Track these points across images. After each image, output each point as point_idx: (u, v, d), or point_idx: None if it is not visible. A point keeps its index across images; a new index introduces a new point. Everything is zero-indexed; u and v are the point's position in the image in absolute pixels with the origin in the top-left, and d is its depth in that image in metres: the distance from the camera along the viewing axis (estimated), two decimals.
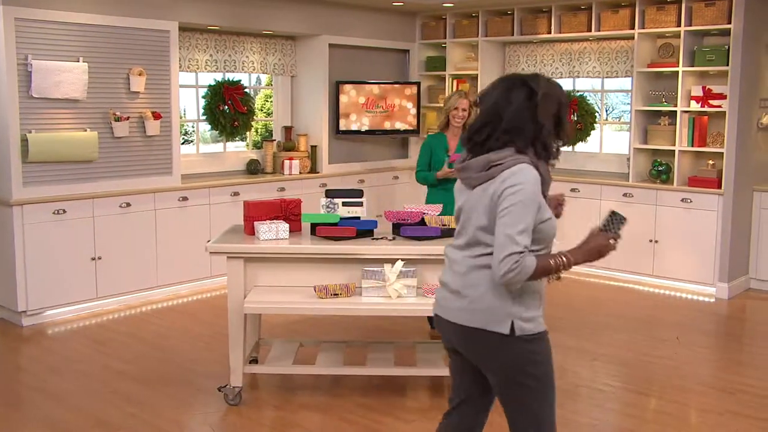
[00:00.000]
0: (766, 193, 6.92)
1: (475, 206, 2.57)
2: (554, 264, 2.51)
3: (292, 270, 4.38)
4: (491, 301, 2.53)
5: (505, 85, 2.58)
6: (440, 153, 5.45)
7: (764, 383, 4.78)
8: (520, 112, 2.52)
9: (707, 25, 6.79)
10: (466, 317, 2.57)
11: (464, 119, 5.39)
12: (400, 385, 4.65)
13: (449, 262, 2.70)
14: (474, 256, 2.58)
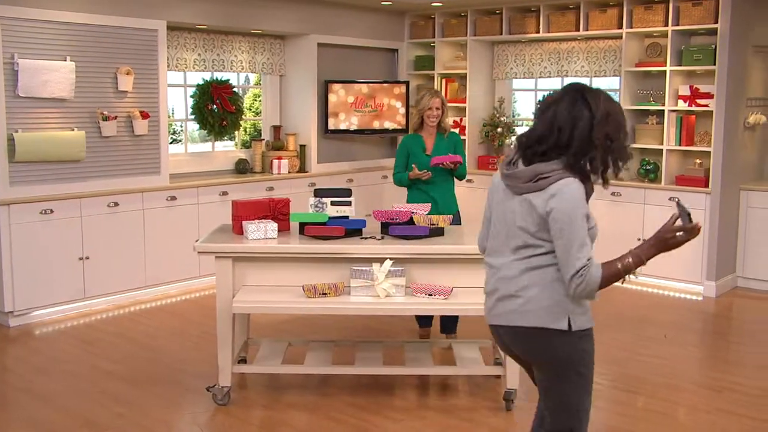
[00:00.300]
0: (753, 192, 6.95)
1: (521, 214, 2.62)
2: (622, 267, 2.58)
3: (280, 269, 4.37)
4: (548, 299, 2.61)
5: (570, 99, 2.59)
6: (418, 153, 5.40)
7: (751, 381, 4.80)
8: (581, 131, 2.55)
9: (694, 25, 6.81)
10: (523, 318, 2.64)
11: (438, 118, 5.37)
12: (389, 385, 4.64)
13: (492, 270, 2.74)
14: (524, 258, 2.63)
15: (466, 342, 4.92)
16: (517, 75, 8.43)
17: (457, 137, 5.54)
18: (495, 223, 2.75)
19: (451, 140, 5.46)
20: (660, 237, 2.60)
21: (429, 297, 4.16)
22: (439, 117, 5.39)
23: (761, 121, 7.07)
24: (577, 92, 2.61)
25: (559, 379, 2.69)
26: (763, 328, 5.98)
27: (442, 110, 5.39)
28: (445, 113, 5.42)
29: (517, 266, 2.65)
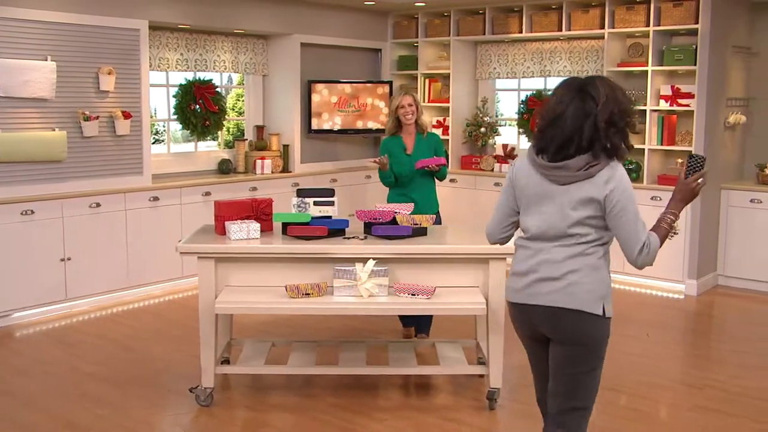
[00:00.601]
0: (734, 191, 7.01)
1: (572, 201, 2.76)
2: (667, 227, 2.84)
3: (263, 270, 4.35)
4: (589, 285, 2.77)
5: (580, 98, 2.74)
6: (398, 154, 5.35)
7: (731, 379, 4.84)
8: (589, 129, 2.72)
9: (675, 25, 6.86)
10: (563, 300, 2.78)
11: (413, 115, 5.33)
12: (372, 385, 4.64)
13: (530, 252, 2.87)
14: (569, 245, 2.79)
15: (449, 342, 4.92)
16: (500, 75, 8.44)
17: (437, 138, 5.51)
18: (533, 210, 2.87)
19: (431, 141, 5.44)
20: (685, 189, 2.86)
21: (412, 297, 4.16)
22: (414, 114, 5.34)
23: (741, 121, 7.12)
24: (582, 89, 2.76)
25: (584, 361, 2.84)
26: (744, 326, 6.03)
27: (416, 107, 5.35)
28: (419, 111, 5.38)
29: (562, 252, 2.79)
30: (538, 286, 2.82)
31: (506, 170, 8.04)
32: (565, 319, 2.79)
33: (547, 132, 2.79)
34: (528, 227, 2.89)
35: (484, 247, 4.30)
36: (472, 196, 8.16)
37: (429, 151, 5.36)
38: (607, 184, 2.71)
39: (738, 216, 6.98)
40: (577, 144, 2.72)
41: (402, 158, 5.35)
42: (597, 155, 2.72)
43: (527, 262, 2.87)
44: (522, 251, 2.91)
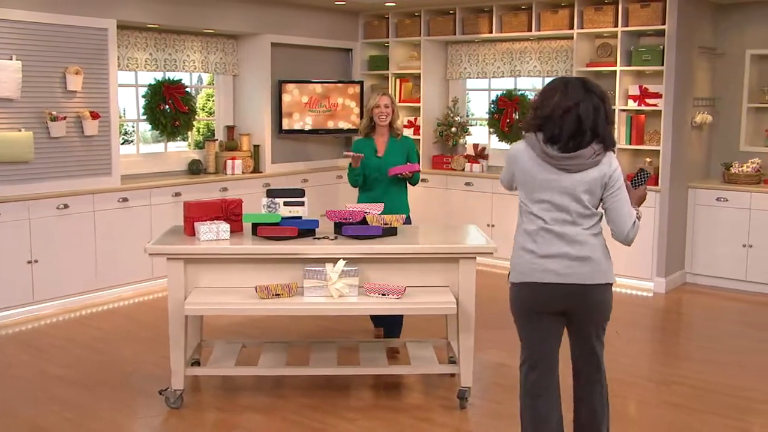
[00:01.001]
0: (701, 190, 7.10)
1: (584, 184, 3.13)
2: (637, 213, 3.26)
3: (233, 271, 4.33)
4: (606, 261, 3.21)
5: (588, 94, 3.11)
6: (369, 156, 5.26)
7: (698, 375, 4.90)
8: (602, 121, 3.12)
9: (643, 26, 6.93)
10: (592, 276, 3.17)
11: (388, 116, 5.25)
12: (344, 385, 4.64)
13: (551, 235, 3.17)
14: (587, 227, 3.17)
15: (420, 341, 4.93)
16: (471, 75, 8.48)
17: (410, 142, 5.40)
18: (542, 195, 3.18)
19: (404, 145, 5.34)
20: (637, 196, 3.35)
21: (382, 297, 4.16)
22: (389, 116, 5.26)
23: (707, 121, 7.22)
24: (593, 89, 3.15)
25: (602, 323, 3.31)
26: (711, 323, 6.11)
27: (392, 109, 5.28)
28: (395, 113, 5.31)
29: (584, 235, 3.16)
30: (572, 266, 3.15)
31: (476, 170, 8.10)
32: (592, 293, 3.19)
33: (555, 124, 3.10)
34: (540, 212, 3.20)
35: (455, 247, 4.33)
36: (443, 196, 8.18)
37: (401, 156, 5.27)
38: (609, 169, 3.13)
39: (705, 214, 7.08)
40: (590, 136, 3.09)
41: (373, 161, 5.25)
42: (603, 146, 3.13)
43: (554, 246, 3.17)
44: (543, 235, 3.19)
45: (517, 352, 5.27)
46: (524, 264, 3.25)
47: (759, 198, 6.80)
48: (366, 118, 5.35)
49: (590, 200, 3.15)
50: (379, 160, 5.25)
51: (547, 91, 3.16)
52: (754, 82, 7.28)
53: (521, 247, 3.27)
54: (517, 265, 3.30)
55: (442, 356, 4.87)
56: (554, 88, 3.15)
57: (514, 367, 4.97)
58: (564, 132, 3.08)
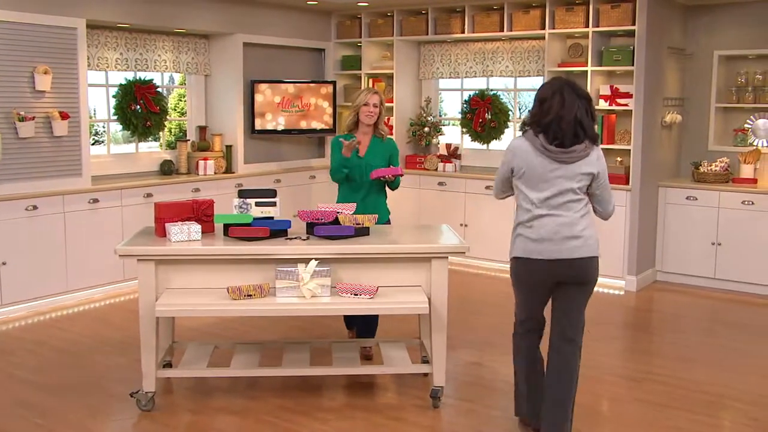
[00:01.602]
0: (670, 189, 7.17)
1: (573, 175, 3.65)
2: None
3: (204, 272, 4.30)
4: (594, 236, 3.74)
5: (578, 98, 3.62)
6: (351, 156, 5.03)
7: (668, 371, 4.95)
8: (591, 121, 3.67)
9: (613, 26, 6.99)
10: (584, 251, 3.68)
11: (376, 116, 5.04)
12: (317, 385, 4.62)
13: (548, 219, 3.67)
14: (577, 210, 3.69)
15: (393, 341, 4.93)
16: (443, 75, 8.50)
17: (394, 146, 5.18)
18: (541, 186, 3.68)
19: (388, 147, 5.13)
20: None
21: (355, 297, 4.15)
22: (377, 116, 5.05)
23: (677, 120, 7.30)
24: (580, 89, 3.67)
25: (588, 295, 3.80)
26: (681, 320, 6.17)
27: (380, 109, 5.06)
28: (382, 114, 5.09)
29: (574, 216, 3.67)
30: (566, 243, 3.66)
31: (449, 170, 8.12)
32: (585, 265, 3.70)
33: (559, 129, 3.60)
34: (538, 198, 3.69)
35: (427, 246, 4.33)
36: (416, 196, 8.19)
37: (383, 158, 5.08)
38: (598, 161, 3.69)
39: (675, 213, 7.16)
40: (584, 134, 3.61)
41: (352, 159, 5.02)
42: (591, 141, 3.65)
43: (549, 227, 3.67)
44: (540, 219, 3.69)
45: (490, 351, 5.31)
46: (528, 243, 3.72)
47: (727, 196, 6.89)
48: (352, 115, 5.12)
49: (581, 188, 3.68)
50: (360, 161, 5.05)
51: (545, 99, 3.65)
52: (722, 83, 7.37)
53: (524, 228, 3.74)
54: (520, 243, 3.76)
55: (415, 356, 4.87)
56: (552, 95, 3.63)
57: (487, 366, 5.02)
58: (566, 135, 3.60)
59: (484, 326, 5.88)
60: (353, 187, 5.10)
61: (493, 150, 8.32)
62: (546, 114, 3.62)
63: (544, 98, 3.65)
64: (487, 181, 7.73)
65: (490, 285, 7.21)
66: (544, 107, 3.63)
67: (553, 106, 3.60)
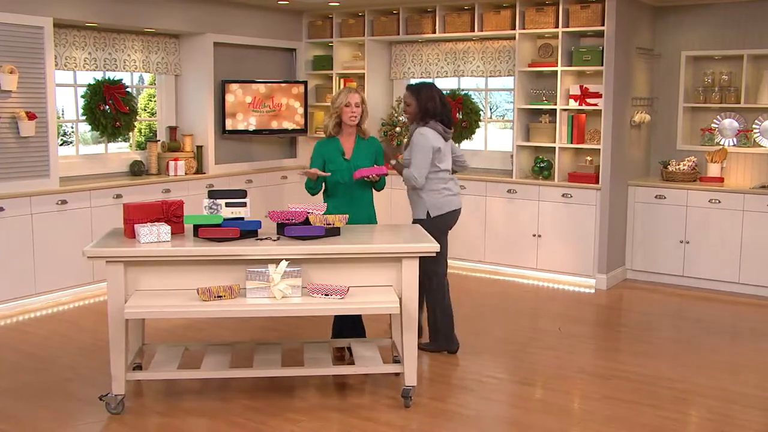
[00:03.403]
0: (640, 188, 7.27)
1: (450, 149, 5.33)
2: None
3: (174, 273, 4.29)
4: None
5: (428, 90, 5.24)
6: (336, 158, 4.93)
7: (637, 368, 5.02)
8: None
9: (583, 27, 7.06)
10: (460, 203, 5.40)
11: (358, 117, 4.90)
12: (288, 386, 4.63)
13: (453, 182, 5.31)
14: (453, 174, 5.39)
15: (365, 341, 4.95)
16: (415, 75, 8.52)
17: (378, 143, 5.09)
18: (446, 159, 5.23)
19: (372, 146, 5.03)
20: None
21: (325, 297, 4.17)
22: (359, 115, 4.91)
23: (646, 120, 7.40)
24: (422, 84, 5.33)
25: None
26: (650, 318, 6.26)
27: (362, 109, 4.92)
28: (365, 113, 4.96)
29: (455, 178, 5.35)
30: (459, 198, 5.33)
31: None
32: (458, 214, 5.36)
33: (444, 114, 5.21)
34: (446, 168, 5.22)
35: (397, 246, 4.35)
36: (387, 196, 8.21)
37: (369, 158, 4.97)
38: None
39: (644, 211, 7.25)
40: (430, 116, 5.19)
41: (340, 164, 4.91)
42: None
43: (456, 186, 5.31)
44: (451, 183, 5.27)
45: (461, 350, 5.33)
46: (446, 200, 5.21)
47: (695, 195, 6.99)
48: (333, 117, 4.94)
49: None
50: (347, 163, 4.93)
51: (429, 95, 5.15)
52: (690, 83, 7.48)
53: (443, 190, 5.19)
54: (441, 202, 5.18)
55: (386, 356, 4.89)
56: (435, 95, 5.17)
57: (458, 365, 5.06)
58: (451, 121, 5.28)
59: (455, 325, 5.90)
60: (339, 191, 4.98)
61: (464, 149, 8.35)
62: (442, 108, 5.17)
63: (432, 97, 5.13)
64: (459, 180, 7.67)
65: (460, 284, 7.25)
66: (438, 104, 5.15)
67: (436, 98, 5.15)
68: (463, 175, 7.87)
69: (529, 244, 7.43)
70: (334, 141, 5.00)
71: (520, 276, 7.49)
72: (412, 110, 5.23)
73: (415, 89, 5.21)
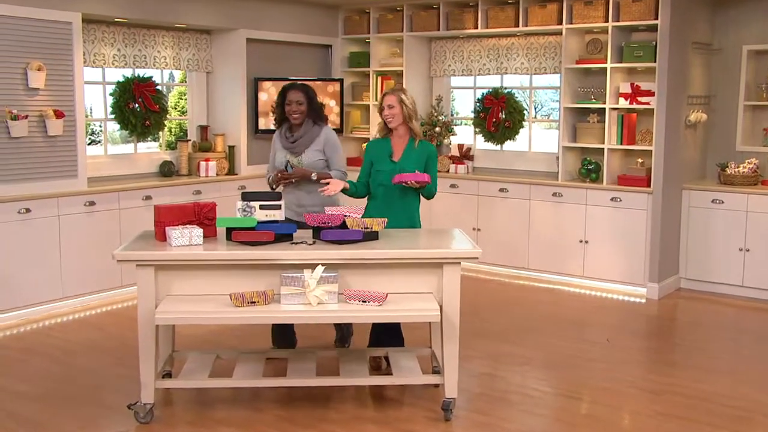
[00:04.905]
0: (695, 192, 7.18)
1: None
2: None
3: (206, 277, 4.34)
4: None
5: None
6: (383, 159, 4.97)
7: (692, 383, 4.96)
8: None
9: (635, 21, 7.00)
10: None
11: (398, 118, 4.91)
12: (324, 397, 4.65)
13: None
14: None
15: (404, 350, 4.96)
16: (456, 72, 8.53)
17: (431, 149, 5.00)
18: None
19: (423, 151, 4.96)
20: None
21: (363, 304, 4.18)
22: (399, 117, 4.90)
23: (702, 119, 7.30)
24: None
25: None
26: (705, 330, 6.18)
27: (402, 109, 4.89)
28: (408, 113, 4.90)
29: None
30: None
31: (461, 171, 8.14)
32: None
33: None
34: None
35: (438, 252, 4.36)
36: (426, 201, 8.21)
37: (418, 164, 4.91)
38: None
39: (699, 217, 7.16)
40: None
41: (386, 165, 4.93)
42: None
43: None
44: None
45: (503, 360, 5.33)
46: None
47: (756, 200, 6.89)
48: (381, 120, 5.04)
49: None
50: (393, 166, 4.93)
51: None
52: (751, 79, 7.37)
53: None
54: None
55: (426, 366, 4.89)
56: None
57: (500, 377, 5.04)
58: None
59: (496, 335, 5.90)
60: (381, 194, 5.00)
61: (507, 151, 8.34)
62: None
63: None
64: (501, 183, 7.76)
65: (503, 292, 7.23)
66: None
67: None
68: (506, 176, 7.87)
69: (576, 251, 7.38)
70: (385, 141, 5.06)
71: (566, 284, 7.44)
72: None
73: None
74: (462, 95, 9.09)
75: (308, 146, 5.10)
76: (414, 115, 4.96)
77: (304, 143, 5.12)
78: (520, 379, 5.03)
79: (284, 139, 5.18)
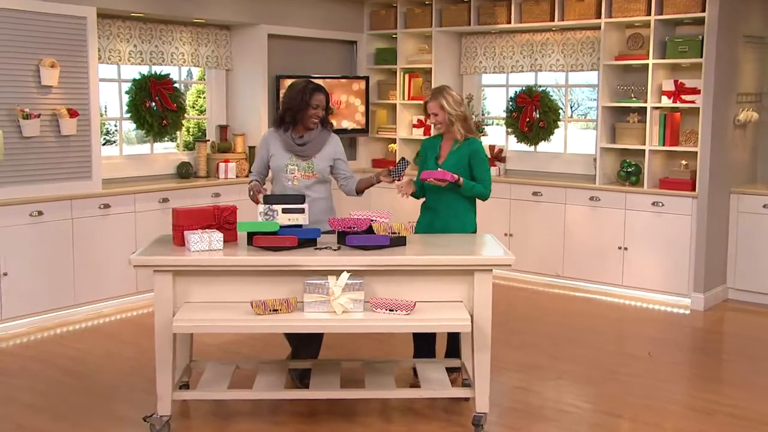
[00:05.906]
0: (745, 196, 7.10)
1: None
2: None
3: (226, 284, 4.35)
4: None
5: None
6: (430, 160, 5.10)
7: (744, 403, 4.89)
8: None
9: (680, 14, 6.95)
10: None
11: (443, 124, 5.01)
12: (348, 410, 4.65)
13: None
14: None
15: (432, 362, 4.94)
16: (487, 69, 8.51)
17: (475, 147, 5.04)
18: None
19: (465, 150, 5.03)
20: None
21: (390, 312, 4.17)
22: (444, 124, 5.01)
23: (753, 119, 7.22)
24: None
25: None
26: (756, 344, 6.10)
27: (446, 115, 4.96)
28: (453, 116, 4.96)
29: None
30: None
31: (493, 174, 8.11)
32: None
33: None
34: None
35: (469, 258, 4.34)
36: None
37: (459, 166, 4.98)
38: None
39: (749, 223, 7.07)
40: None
41: (432, 166, 5.05)
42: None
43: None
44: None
45: (536, 373, 5.30)
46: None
47: None
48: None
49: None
50: (435, 167, 5.02)
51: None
52: None
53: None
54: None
55: (455, 379, 4.87)
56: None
57: (534, 391, 5.01)
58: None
59: (529, 345, 5.86)
60: (430, 195, 5.13)
61: (541, 152, 8.31)
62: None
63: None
64: (534, 186, 7.72)
65: (536, 301, 7.19)
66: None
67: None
68: (540, 179, 7.83)
69: (614, 258, 7.33)
70: (437, 140, 5.18)
71: (604, 293, 7.38)
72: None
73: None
74: (494, 94, 9.07)
75: (318, 151, 5.06)
76: (457, 118, 4.98)
77: (315, 148, 5.04)
78: (555, 394, 5.00)
79: (289, 141, 5.02)
